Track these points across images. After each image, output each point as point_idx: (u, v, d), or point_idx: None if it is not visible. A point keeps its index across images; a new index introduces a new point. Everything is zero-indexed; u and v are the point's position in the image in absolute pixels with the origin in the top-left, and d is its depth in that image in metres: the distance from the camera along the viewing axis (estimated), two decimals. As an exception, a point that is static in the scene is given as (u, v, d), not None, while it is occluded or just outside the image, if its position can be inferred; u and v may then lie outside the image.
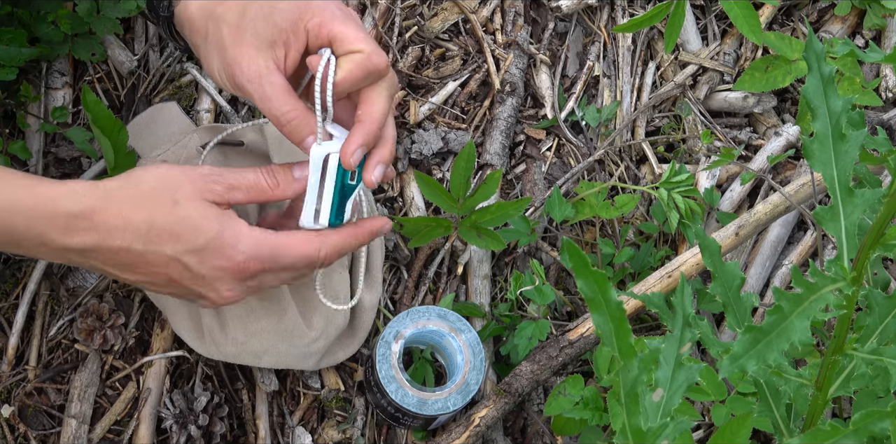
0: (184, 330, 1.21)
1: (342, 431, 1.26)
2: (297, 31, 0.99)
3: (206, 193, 0.96)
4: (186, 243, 0.96)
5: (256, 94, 0.98)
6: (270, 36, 0.98)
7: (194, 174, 0.97)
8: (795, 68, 1.48)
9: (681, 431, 0.79)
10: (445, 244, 1.36)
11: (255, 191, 0.99)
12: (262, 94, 0.98)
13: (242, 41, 0.98)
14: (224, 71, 0.99)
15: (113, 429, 1.23)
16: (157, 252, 0.96)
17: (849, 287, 0.80)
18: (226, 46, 0.99)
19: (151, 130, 1.29)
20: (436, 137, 1.40)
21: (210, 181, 0.97)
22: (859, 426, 0.75)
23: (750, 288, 1.39)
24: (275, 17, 0.98)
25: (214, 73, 1.01)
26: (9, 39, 1.20)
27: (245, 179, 0.99)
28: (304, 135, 1.00)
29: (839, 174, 0.82)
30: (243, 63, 0.98)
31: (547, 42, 1.51)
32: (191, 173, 0.97)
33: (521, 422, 1.31)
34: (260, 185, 0.99)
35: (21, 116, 1.29)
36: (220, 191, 0.97)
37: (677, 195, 1.35)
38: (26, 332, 1.25)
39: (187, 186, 0.96)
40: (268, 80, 0.98)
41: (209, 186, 0.96)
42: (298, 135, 1.00)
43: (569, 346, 1.25)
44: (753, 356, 0.77)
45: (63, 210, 0.92)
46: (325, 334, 1.20)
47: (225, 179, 0.97)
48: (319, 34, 0.99)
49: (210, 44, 1.00)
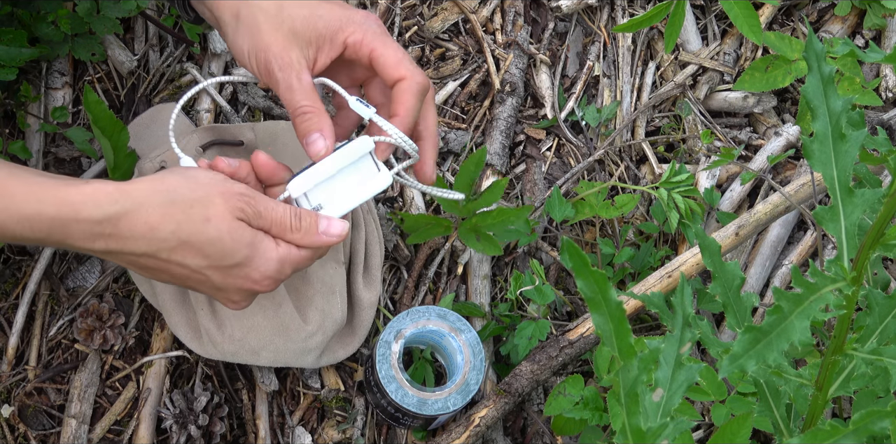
0: (181, 331, 1.22)
1: (342, 431, 1.26)
2: (335, 40, 1.02)
3: (237, 212, 0.95)
4: (212, 260, 0.95)
5: (283, 82, 1.00)
6: (307, 37, 1.01)
7: (228, 191, 0.95)
8: (795, 68, 1.48)
9: (681, 431, 0.79)
10: (445, 244, 1.36)
11: (277, 227, 0.98)
12: (289, 84, 1.00)
13: (279, 31, 1.00)
14: (256, 53, 1.01)
15: (113, 429, 1.23)
16: (182, 263, 0.95)
17: (849, 287, 0.80)
18: (261, 31, 1.00)
19: (151, 130, 1.30)
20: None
21: (242, 201, 0.95)
22: (859, 425, 0.75)
23: (750, 288, 1.39)
24: (315, 22, 1.01)
25: (244, 52, 1.02)
26: (9, 39, 1.20)
27: (274, 212, 0.97)
28: (312, 131, 1.01)
29: (839, 174, 0.82)
30: (276, 50, 1.00)
31: (547, 42, 1.51)
32: (224, 188, 0.95)
33: (521, 422, 1.31)
34: (284, 224, 0.98)
35: (21, 116, 1.29)
36: (248, 213, 0.96)
37: (677, 195, 1.35)
38: (26, 332, 1.25)
39: (219, 204, 0.94)
40: (297, 73, 1.00)
41: (240, 205, 0.95)
42: (307, 129, 1.01)
43: (569, 346, 1.25)
44: (753, 356, 0.77)
45: (86, 217, 0.90)
46: (322, 328, 1.20)
47: (256, 205, 0.96)
48: (359, 51, 1.03)
49: (242, 24, 1.02)
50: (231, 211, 0.94)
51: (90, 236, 0.91)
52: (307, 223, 0.99)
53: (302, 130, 1.01)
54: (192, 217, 0.93)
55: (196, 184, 0.95)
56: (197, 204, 0.93)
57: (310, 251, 1.00)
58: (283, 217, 0.98)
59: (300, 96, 1.00)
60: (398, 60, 1.02)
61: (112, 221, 0.91)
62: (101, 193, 0.91)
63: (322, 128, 1.01)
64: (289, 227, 0.98)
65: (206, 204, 0.93)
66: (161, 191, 0.93)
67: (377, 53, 1.02)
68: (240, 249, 0.95)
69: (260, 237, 0.96)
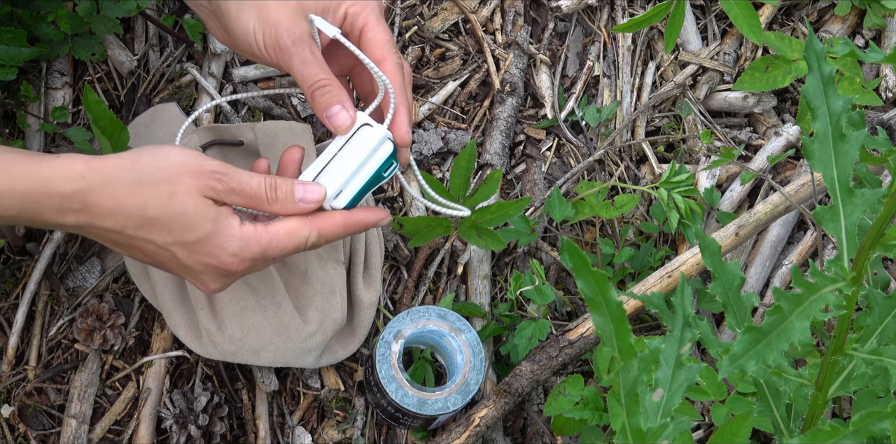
0: (181, 331, 1.22)
1: (342, 431, 1.26)
2: (337, 11, 1.02)
3: (206, 190, 0.95)
4: (177, 236, 0.95)
5: (298, 56, 0.99)
6: (313, 9, 1.01)
7: (199, 168, 0.95)
8: (795, 68, 1.48)
9: (681, 431, 0.79)
10: (445, 244, 1.36)
11: (254, 201, 0.98)
12: (305, 57, 1.00)
13: (286, 7, 1.00)
14: (264, 30, 1.00)
15: (113, 429, 1.23)
16: (147, 239, 0.96)
17: (849, 287, 0.80)
18: (269, 7, 1.00)
19: (151, 130, 1.30)
20: (436, 137, 1.40)
21: (213, 179, 0.96)
22: (859, 426, 0.75)
23: (750, 288, 1.39)
24: None
25: (249, 29, 1.01)
26: (9, 39, 1.20)
27: (248, 186, 0.97)
28: (332, 103, 1.01)
29: (839, 174, 0.82)
30: (288, 25, 0.99)
31: (547, 42, 1.51)
32: (195, 166, 0.95)
33: (521, 422, 1.32)
34: (260, 196, 0.98)
35: (21, 116, 1.29)
36: (220, 190, 0.96)
37: (677, 195, 1.35)
38: (26, 332, 1.25)
39: (187, 180, 0.94)
40: (310, 46, 1.00)
41: (210, 183, 0.95)
42: (327, 102, 1.01)
43: (569, 346, 1.25)
44: (753, 356, 0.77)
45: (55, 191, 0.91)
46: (322, 328, 1.20)
47: (229, 181, 0.96)
48: (355, 23, 1.03)
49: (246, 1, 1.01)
50: (199, 188, 0.95)
51: (60, 210, 0.92)
52: (283, 193, 0.98)
53: (322, 103, 1.01)
54: (159, 193, 0.93)
55: (167, 162, 0.95)
56: (164, 182, 0.94)
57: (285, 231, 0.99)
58: (258, 190, 0.97)
59: (316, 69, 1.00)
60: (385, 41, 1.03)
61: (80, 195, 0.91)
62: (70, 168, 0.91)
63: (342, 100, 1.01)
64: (265, 199, 0.98)
65: (173, 181, 0.94)
66: (130, 169, 0.93)
67: (369, 27, 1.03)
68: (203, 224, 0.95)
69: (225, 215, 0.96)
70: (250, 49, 1.02)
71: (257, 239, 0.98)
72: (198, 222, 0.95)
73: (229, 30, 1.03)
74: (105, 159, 0.93)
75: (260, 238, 0.98)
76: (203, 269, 0.99)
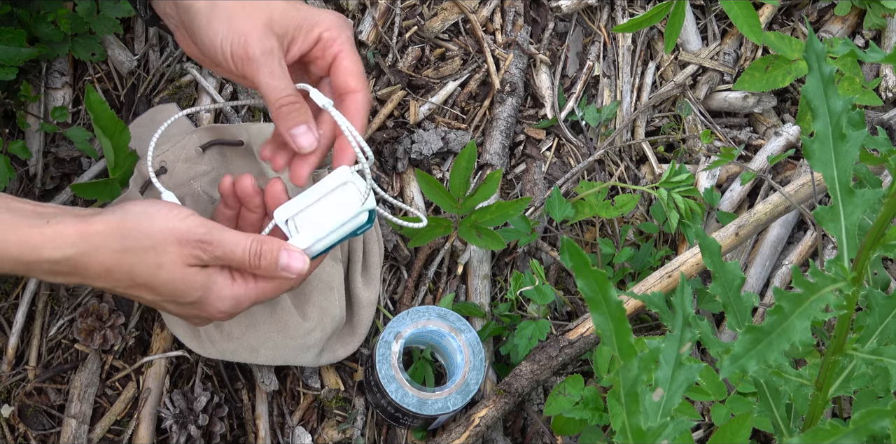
0: (180, 331, 1.22)
1: (342, 431, 1.26)
2: (310, 34, 1.03)
3: (191, 259, 0.97)
4: (167, 298, 0.99)
5: (266, 67, 0.99)
6: (284, 28, 1.01)
7: (185, 237, 0.97)
8: (795, 68, 1.48)
9: (681, 431, 0.79)
10: (445, 244, 1.36)
11: (239, 266, 1.01)
12: (273, 68, 0.99)
13: (257, 19, 1.00)
14: (233, 39, 0.99)
15: (113, 429, 1.23)
16: (140, 297, 1.00)
17: (849, 287, 0.80)
18: (237, 17, 1.00)
19: (151, 130, 1.29)
20: (436, 137, 1.40)
21: (198, 249, 0.97)
22: (859, 425, 0.75)
23: (750, 288, 1.39)
24: (293, 13, 1.01)
25: (217, 40, 1.00)
26: (9, 39, 1.20)
27: (233, 255, 0.99)
28: (300, 122, 1.02)
29: (839, 174, 0.82)
30: (258, 36, 0.99)
31: (547, 42, 1.51)
32: (181, 234, 0.97)
33: (521, 422, 1.31)
34: (244, 264, 1.00)
35: (21, 116, 1.29)
36: (205, 259, 0.98)
37: (677, 195, 1.35)
38: (26, 332, 1.25)
39: (172, 249, 0.96)
40: (279, 59, 1.00)
41: (195, 252, 0.97)
42: (294, 120, 1.01)
43: (569, 346, 1.25)
44: (754, 356, 0.77)
45: (46, 258, 0.93)
46: (320, 324, 1.21)
47: (213, 251, 0.98)
48: (328, 49, 1.03)
49: (218, 11, 1.00)
50: (183, 258, 0.97)
51: (51, 273, 0.95)
52: (267, 262, 1.00)
53: (289, 120, 1.01)
54: (146, 262, 0.96)
55: (152, 227, 0.96)
56: (150, 251, 0.96)
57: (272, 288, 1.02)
58: (241, 259, 0.99)
59: (284, 83, 1.00)
60: (359, 72, 1.04)
61: (70, 262, 0.94)
62: (61, 236, 0.94)
63: (308, 120, 1.02)
64: (248, 266, 1.00)
65: (159, 252, 0.96)
66: (117, 235, 0.95)
67: (343, 56, 1.04)
68: (192, 292, 0.99)
69: (214, 278, 0.99)
70: (216, 58, 1.01)
71: (247, 295, 1.01)
72: (187, 291, 0.98)
73: (197, 39, 1.02)
74: (94, 223, 0.95)
75: (249, 294, 1.01)
76: (197, 319, 1.05)
